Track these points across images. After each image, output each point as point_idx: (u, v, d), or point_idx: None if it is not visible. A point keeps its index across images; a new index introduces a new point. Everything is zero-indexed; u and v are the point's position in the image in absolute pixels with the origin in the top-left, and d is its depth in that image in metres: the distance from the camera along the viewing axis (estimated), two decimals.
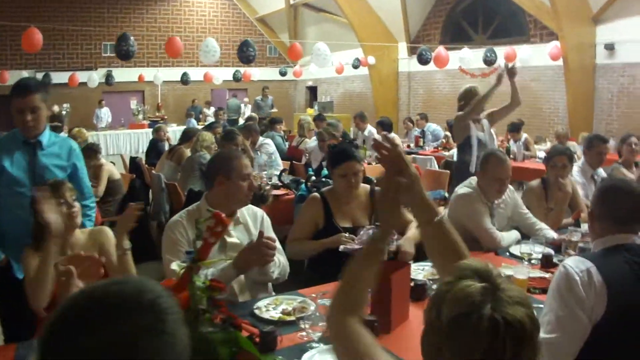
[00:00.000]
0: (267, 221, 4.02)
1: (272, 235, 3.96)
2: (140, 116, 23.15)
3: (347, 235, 4.21)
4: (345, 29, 21.78)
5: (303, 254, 4.58)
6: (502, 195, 4.82)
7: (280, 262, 3.80)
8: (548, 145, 12.03)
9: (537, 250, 4.14)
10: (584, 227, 4.95)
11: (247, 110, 23.21)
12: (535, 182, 5.65)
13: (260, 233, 3.52)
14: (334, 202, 4.51)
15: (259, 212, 4.03)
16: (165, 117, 23.55)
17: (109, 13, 24.77)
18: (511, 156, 10.61)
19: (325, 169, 7.07)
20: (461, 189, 4.95)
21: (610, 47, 14.77)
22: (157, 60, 24.88)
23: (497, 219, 4.85)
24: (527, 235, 4.85)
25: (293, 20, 26.14)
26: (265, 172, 8.44)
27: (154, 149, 11.59)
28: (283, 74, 24.92)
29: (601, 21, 15.03)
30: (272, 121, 12.80)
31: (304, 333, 2.97)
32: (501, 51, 16.25)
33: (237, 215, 3.86)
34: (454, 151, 10.77)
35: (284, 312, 3.32)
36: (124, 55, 12.17)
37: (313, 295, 3.43)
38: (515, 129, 11.74)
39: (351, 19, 20.67)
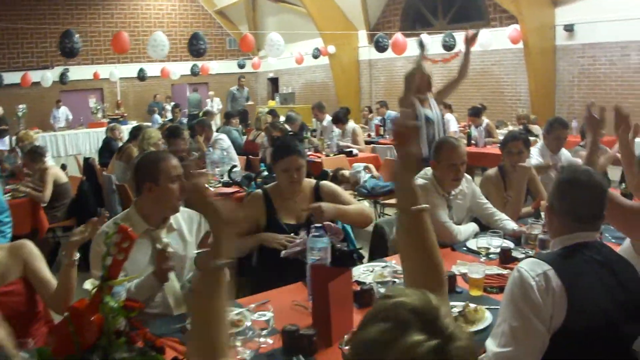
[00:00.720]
0: (206, 225, 3.73)
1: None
2: (100, 114, 22.73)
3: (281, 237, 3.99)
4: (305, 19, 21.49)
5: (240, 251, 4.26)
6: (458, 184, 4.60)
7: None
8: (510, 129, 11.84)
9: (495, 244, 3.87)
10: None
11: (214, 104, 22.92)
12: (492, 171, 5.41)
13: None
14: (277, 198, 4.28)
15: (196, 215, 3.73)
16: (125, 114, 23.12)
17: (64, 10, 24.18)
18: (472, 142, 10.40)
19: None
20: (416, 180, 4.73)
21: (569, 29, 14.67)
22: (116, 56, 24.20)
23: (455, 211, 4.64)
24: (487, 226, 4.63)
25: (252, 12, 25.84)
26: (219, 169, 8.16)
27: (108, 148, 11.18)
28: (241, 66, 24.51)
29: (560, 3, 14.95)
30: (228, 115, 12.49)
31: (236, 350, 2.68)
32: (460, 36, 16.01)
33: (171, 221, 3.58)
34: None
35: None
36: (68, 52, 11.72)
37: (252, 305, 3.16)
38: (475, 113, 11.50)
39: (310, 9, 20.37)
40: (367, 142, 11.39)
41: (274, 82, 27.41)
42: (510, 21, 15.59)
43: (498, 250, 3.85)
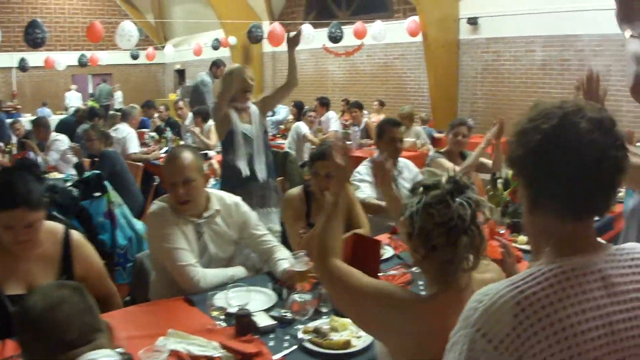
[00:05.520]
0: None
1: None
2: None
3: None
4: (210, 8, 20.30)
5: None
6: (185, 209, 3.44)
7: None
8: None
9: (235, 304, 2.81)
10: None
11: (116, 99, 22.19)
12: (295, 190, 4.25)
13: None
14: None
15: None
16: (19, 106, 21.54)
17: None
18: (349, 142, 9.35)
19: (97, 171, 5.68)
20: (153, 204, 3.59)
21: (473, 22, 13.95)
22: (11, 45, 22.66)
23: (210, 241, 3.53)
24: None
25: (157, 0, 24.60)
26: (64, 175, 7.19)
27: None
28: (135, 57, 23.05)
29: None
30: (80, 113, 11.27)
31: None
32: (369, 26, 15.00)
33: None
34: (289, 139, 9.55)
35: None
36: None
37: None
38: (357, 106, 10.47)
39: None
40: None
41: (180, 73, 26.14)
42: (413, 13, 14.69)
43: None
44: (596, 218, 1.58)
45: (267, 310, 2.95)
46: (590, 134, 1.44)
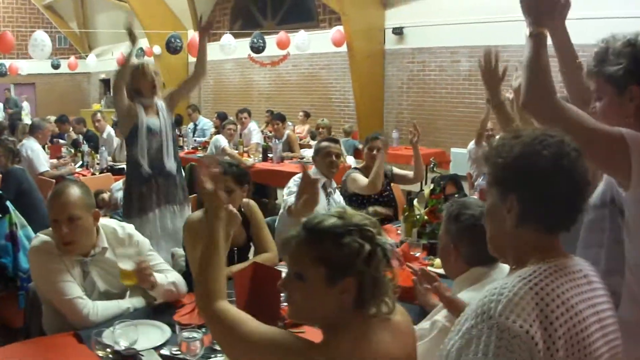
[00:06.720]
0: None
1: None
2: None
3: None
4: (135, 18, 19.87)
5: None
6: (70, 249, 3.15)
7: None
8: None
9: (123, 341, 2.58)
10: None
11: (25, 107, 21.88)
12: (197, 214, 3.95)
13: None
14: None
15: None
16: None
17: None
18: (270, 155, 9.12)
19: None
20: (35, 238, 3.33)
21: (398, 32, 14.00)
22: None
23: (105, 278, 3.29)
24: None
25: (80, 8, 24.11)
26: None
27: None
28: (55, 66, 22.42)
29: (390, 5, 14.31)
30: None
31: None
32: (293, 36, 14.82)
33: None
34: (208, 153, 9.33)
35: None
36: None
37: None
38: (280, 118, 10.19)
39: (133, 5, 18.65)
40: None
41: (106, 83, 25.58)
42: (339, 23, 14.64)
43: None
44: None
45: (157, 348, 2.74)
46: (578, 161, 1.71)
